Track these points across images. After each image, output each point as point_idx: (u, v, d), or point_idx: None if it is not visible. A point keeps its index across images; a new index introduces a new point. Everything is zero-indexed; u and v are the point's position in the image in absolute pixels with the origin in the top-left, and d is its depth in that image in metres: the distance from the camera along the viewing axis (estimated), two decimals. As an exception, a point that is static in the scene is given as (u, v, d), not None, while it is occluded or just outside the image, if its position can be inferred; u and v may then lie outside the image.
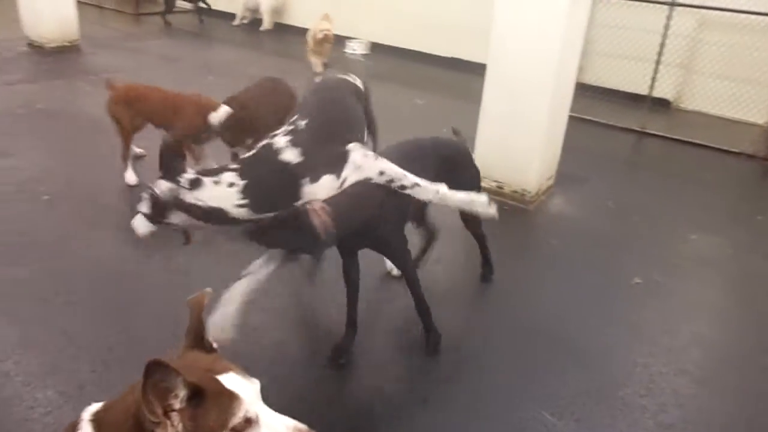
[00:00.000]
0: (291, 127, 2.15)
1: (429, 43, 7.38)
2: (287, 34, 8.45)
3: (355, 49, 7.75)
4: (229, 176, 2.02)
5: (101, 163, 3.88)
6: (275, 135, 2.13)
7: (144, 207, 2.06)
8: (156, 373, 0.95)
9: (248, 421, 1.04)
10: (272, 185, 2.05)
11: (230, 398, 1.03)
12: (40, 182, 3.62)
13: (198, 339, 1.12)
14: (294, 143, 2.07)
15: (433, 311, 2.48)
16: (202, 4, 9.07)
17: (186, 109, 3.42)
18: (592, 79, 6.45)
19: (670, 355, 2.58)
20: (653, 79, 5.61)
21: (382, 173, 2.14)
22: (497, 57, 3.66)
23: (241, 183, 2.01)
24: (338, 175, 2.11)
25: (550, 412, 2.19)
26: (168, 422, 0.98)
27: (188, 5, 9.13)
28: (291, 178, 2.04)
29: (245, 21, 9.04)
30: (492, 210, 2.46)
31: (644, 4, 5.67)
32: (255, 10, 8.83)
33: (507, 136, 3.75)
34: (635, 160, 5.20)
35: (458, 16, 6.61)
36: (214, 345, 1.14)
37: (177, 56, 7.16)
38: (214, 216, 2.02)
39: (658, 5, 5.53)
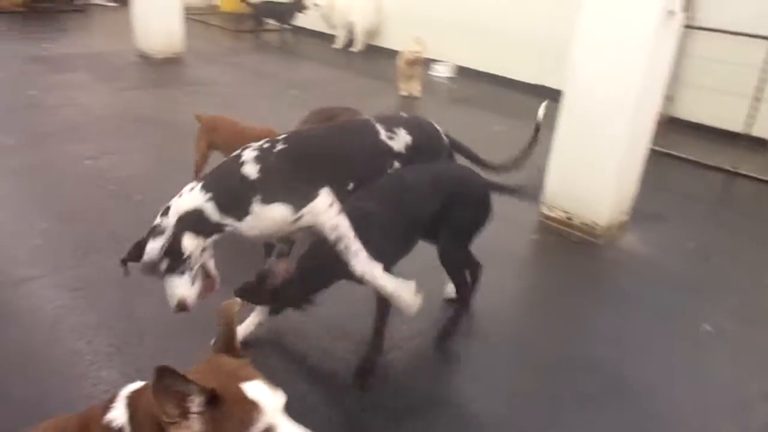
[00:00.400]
0: (266, 145, 2.17)
1: (514, 68, 7.34)
2: (378, 55, 8.64)
3: (441, 71, 7.83)
4: (187, 187, 2.11)
5: (189, 169, 4.15)
6: (249, 147, 2.18)
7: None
8: (165, 378, 1.00)
9: (265, 427, 1.06)
10: (229, 194, 2.07)
11: (251, 407, 1.06)
12: (135, 183, 3.91)
13: (228, 345, 1.18)
14: (259, 160, 2.10)
15: (486, 340, 2.50)
16: (286, 26, 9.51)
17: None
18: (683, 113, 6.21)
19: (733, 412, 2.43)
20: (751, 117, 5.31)
21: (333, 229, 2.09)
22: (574, 83, 3.60)
23: (201, 182, 2.09)
24: (295, 210, 2.09)
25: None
26: (184, 422, 1.03)
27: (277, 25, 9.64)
28: (243, 191, 2.07)
29: (347, 46, 9.18)
30: (413, 310, 2.20)
31: (743, 37, 5.40)
32: (350, 30, 9.07)
33: (579, 166, 3.68)
34: (723, 202, 4.92)
35: (545, 42, 6.55)
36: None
37: (269, 72, 7.52)
38: (195, 223, 2.04)
39: (759, 39, 5.25)
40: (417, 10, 8.16)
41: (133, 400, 1.12)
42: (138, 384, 1.16)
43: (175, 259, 2.00)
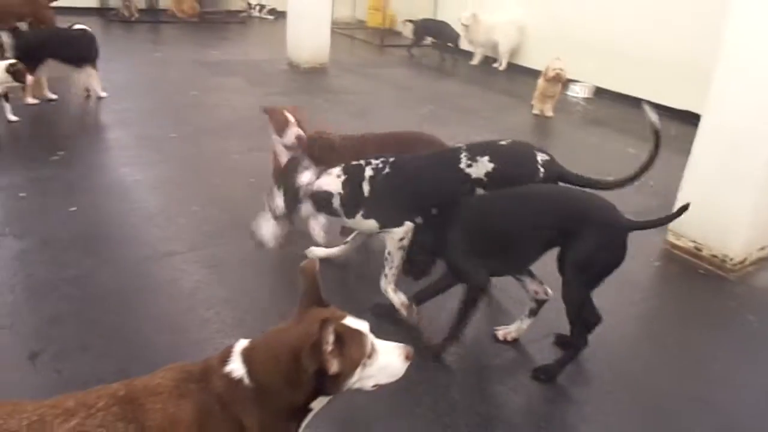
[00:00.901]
0: (380, 166, 2.67)
1: (652, 90, 6.97)
2: (519, 74, 8.59)
3: (578, 92, 7.66)
4: (337, 170, 2.69)
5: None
6: (372, 162, 2.69)
7: (277, 200, 2.76)
8: (328, 326, 1.22)
9: (372, 348, 1.32)
10: (349, 198, 2.66)
11: (360, 336, 1.31)
12: (251, 168, 4.28)
13: (315, 298, 1.35)
14: (371, 180, 2.63)
15: (599, 376, 2.52)
16: (449, 44, 9.48)
17: None
18: None
19: None
20: None
21: (389, 253, 2.72)
22: (715, 104, 3.44)
23: (344, 176, 2.66)
24: (381, 226, 2.68)
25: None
26: (332, 361, 1.26)
27: (434, 41, 9.75)
28: (357, 202, 2.65)
29: (487, 63, 9.25)
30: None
31: None
32: (494, 47, 9.08)
33: (713, 194, 3.47)
34: None
35: (685, 65, 6.21)
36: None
37: (408, 85, 7.80)
38: (323, 201, 2.68)
39: None
40: (558, 30, 8.04)
41: (248, 355, 1.29)
42: (245, 341, 1.34)
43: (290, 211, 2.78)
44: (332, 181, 2.68)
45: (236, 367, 1.27)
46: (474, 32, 8.89)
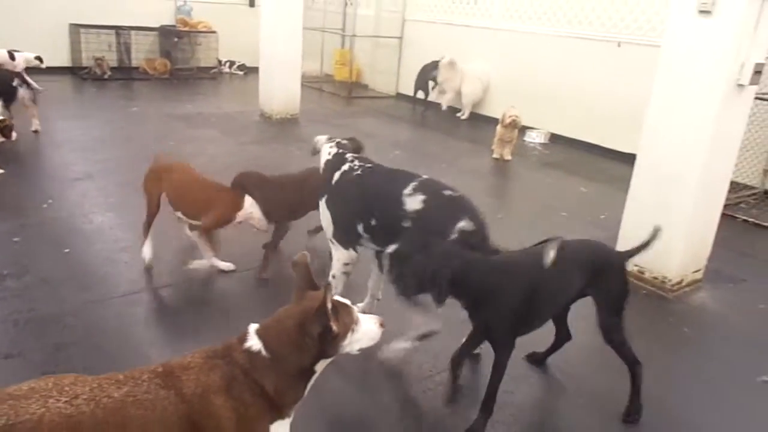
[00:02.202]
0: (355, 166, 2.97)
1: (602, 136, 7.64)
2: (482, 122, 9.14)
3: (535, 138, 8.23)
4: (331, 144, 3.24)
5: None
6: (353, 160, 3.04)
7: None
8: (328, 292, 1.55)
9: (357, 319, 1.66)
10: (327, 169, 3.12)
11: (348, 306, 1.66)
12: None
13: (309, 284, 1.69)
14: (342, 173, 3.00)
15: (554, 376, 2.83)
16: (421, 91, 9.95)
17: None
18: (779, 186, 6.21)
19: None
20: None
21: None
22: (647, 148, 3.92)
23: (332, 154, 3.15)
24: (332, 228, 3.00)
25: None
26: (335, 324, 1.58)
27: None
28: (328, 178, 3.06)
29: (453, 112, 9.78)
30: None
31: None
32: (459, 97, 9.59)
33: (651, 223, 3.88)
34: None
35: (628, 111, 6.83)
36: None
37: (374, 132, 8.26)
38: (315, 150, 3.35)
39: None
40: (517, 82, 8.71)
41: (262, 332, 1.61)
42: (256, 324, 1.65)
43: None
44: (326, 149, 3.18)
45: (254, 343, 1.58)
46: (448, 77, 9.36)
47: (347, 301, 1.68)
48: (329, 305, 1.53)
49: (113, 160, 5.91)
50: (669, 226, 3.82)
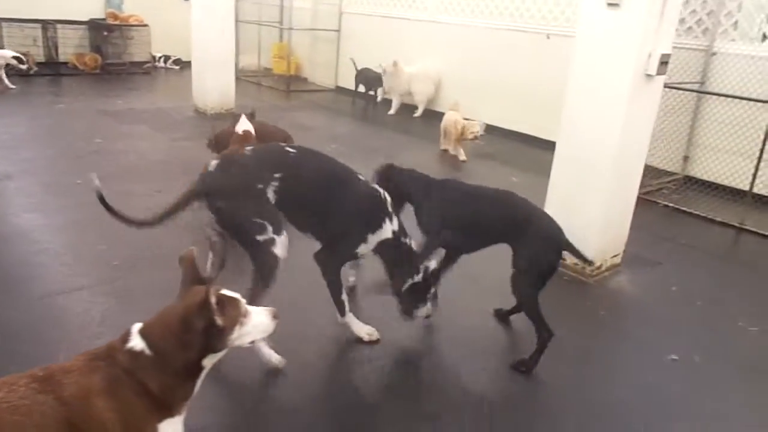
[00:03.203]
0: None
1: (536, 126, 7.80)
2: (433, 119, 9.12)
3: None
4: None
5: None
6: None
7: None
8: (211, 287, 1.55)
9: (246, 310, 1.66)
10: None
11: (235, 300, 1.66)
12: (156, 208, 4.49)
13: (195, 279, 1.68)
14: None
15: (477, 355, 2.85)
16: (371, 92, 10.00)
17: None
18: (698, 173, 6.48)
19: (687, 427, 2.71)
20: (754, 176, 5.54)
21: None
22: (564, 135, 4.04)
23: None
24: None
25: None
26: (220, 317, 1.57)
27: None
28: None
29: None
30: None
31: (748, 102, 5.74)
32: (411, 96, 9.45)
33: (570, 210, 4.02)
34: (724, 254, 5.11)
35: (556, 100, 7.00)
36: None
37: (313, 126, 8.22)
38: None
39: (763, 103, 5.59)
40: (454, 74, 8.84)
41: (145, 332, 1.58)
42: (139, 324, 1.62)
43: None
44: None
45: (136, 342, 1.55)
46: (394, 80, 9.19)
47: (235, 295, 1.67)
48: (213, 299, 1.52)
49: (36, 159, 5.68)
50: (586, 212, 3.97)
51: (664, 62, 3.64)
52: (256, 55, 11.76)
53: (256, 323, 1.68)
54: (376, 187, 2.98)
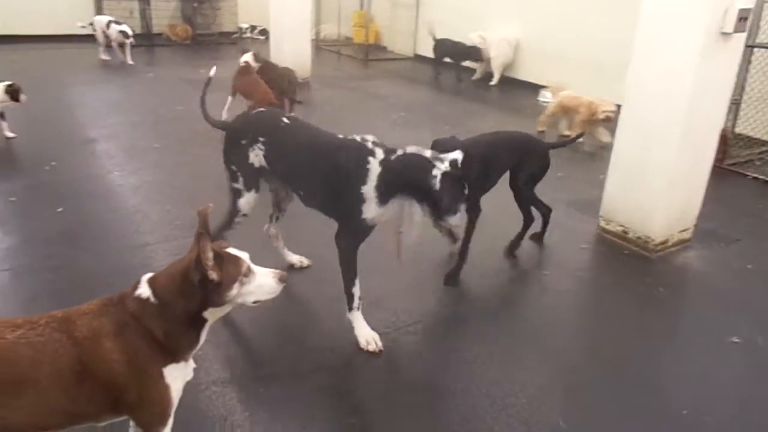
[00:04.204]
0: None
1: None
2: (511, 87, 8.94)
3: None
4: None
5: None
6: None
7: None
8: (202, 239, 1.59)
9: (249, 269, 1.69)
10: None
11: (237, 258, 1.69)
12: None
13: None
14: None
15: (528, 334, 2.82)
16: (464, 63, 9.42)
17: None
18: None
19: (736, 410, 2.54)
20: None
21: None
22: (630, 97, 3.80)
23: None
24: None
25: None
26: (211, 268, 1.61)
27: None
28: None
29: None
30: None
31: None
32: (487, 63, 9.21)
33: (634, 180, 3.83)
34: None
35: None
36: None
37: (383, 95, 8.21)
38: None
39: None
40: (539, 41, 8.56)
41: (152, 281, 1.67)
42: (150, 273, 1.72)
43: None
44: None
45: (144, 290, 1.64)
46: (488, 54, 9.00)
47: (240, 253, 1.71)
48: (207, 254, 1.58)
49: (121, 124, 6.07)
50: (651, 183, 3.75)
51: (743, 18, 3.32)
52: (336, 24, 11.84)
53: (261, 283, 1.71)
54: (350, 137, 2.71)
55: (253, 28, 12.23)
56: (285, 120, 2.90)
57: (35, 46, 9.73)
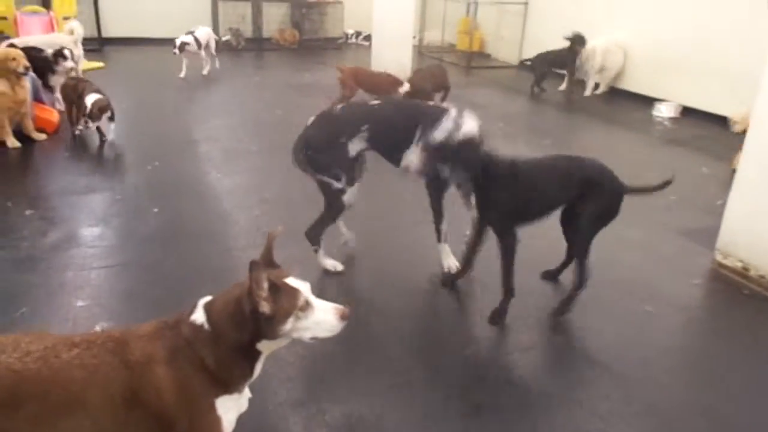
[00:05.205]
0: None
1: (736, 108, 6.67)
2: (620, 98, 8.39)
3: (663, 111, 7.45)
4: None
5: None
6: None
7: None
8: (255, 268, 1.49)
9: (307, 303, 1.58)
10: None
11: (294, 290, 1.57)
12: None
13: (268, 260, 1.63)
14: None
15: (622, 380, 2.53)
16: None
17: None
18: None
19: None
20: None
21: None
22: (758, 120, 3.36)
23: None
24: None
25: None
26: (263, 303, 1.52)
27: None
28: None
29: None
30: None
31: None
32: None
33: (759, 211, 3.38)
34: None
35: None
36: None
37: (485, 104, 7.95)
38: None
39: None
40: (651, 50, 7.97)
41: (208, 306, 1.60)
42: (209, 297, 1.64)
43: None
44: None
45: (198, 316, 1.57)
46: (591, 62, 8.38)
47: (301, 284, 1.59)
48: (261, 284, 1.47)
49: (222, 127, 6.25)
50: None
51: None
52: (440, 30, 11.70)
53: (319, 320, 1.59)
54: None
55: (358, 33, 12.35)
56: (374, 102, 3.33)
57: (154, 48, 10.33)
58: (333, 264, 3.43)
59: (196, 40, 8.18)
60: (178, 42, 8.04)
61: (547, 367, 2.82)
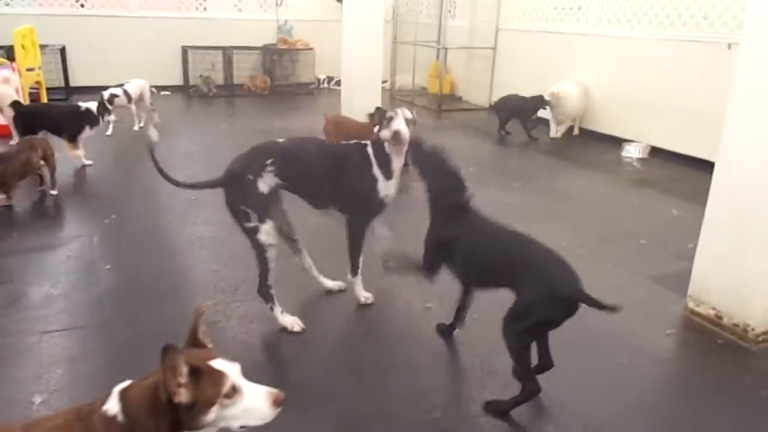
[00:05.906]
0: None
1: (710, 149, 6.69)
2: (589, 140, 8.41)
3: (632, 152, 7.49)
4: None
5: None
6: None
7: None
8: (169, 353, 1.33)
9: (234, 389, 1.41)
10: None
11: (219, 375, 1.41)
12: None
13: (194, 340, 1.48)
14: None
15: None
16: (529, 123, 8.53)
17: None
18: None
19: None
20: None
21: None
22: (723, 163, 3.31)
23: None
24: None
25: None
26: (180, 391, 1.35)
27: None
28: None
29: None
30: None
31: None
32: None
33: (729, 256, 3.30)
34: None
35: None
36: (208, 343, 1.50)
37: (454, 147, 7.86)
38: None
39: None
40: (615, 91, 8.09)
41: (123, 393, 1.43)
42: (126, 382, 1.47)
43: None
44: None
45: (112, 405, 1.40)
46: (558, 107, 8.28)
47: (228, 367, 1.43)
48: (177, 370, 1.32)
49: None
50: (750, 259, 3.22)
51: None
52: (411, 74, 11.80)
53: (249, 407, 1.42)
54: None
55: (330, 79, 12.39)
56: (279, 140, 3.31)
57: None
58: (292, 322, 3.26)
59: (125, 93, 7.74)
60: (106, 95, 7.24)
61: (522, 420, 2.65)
